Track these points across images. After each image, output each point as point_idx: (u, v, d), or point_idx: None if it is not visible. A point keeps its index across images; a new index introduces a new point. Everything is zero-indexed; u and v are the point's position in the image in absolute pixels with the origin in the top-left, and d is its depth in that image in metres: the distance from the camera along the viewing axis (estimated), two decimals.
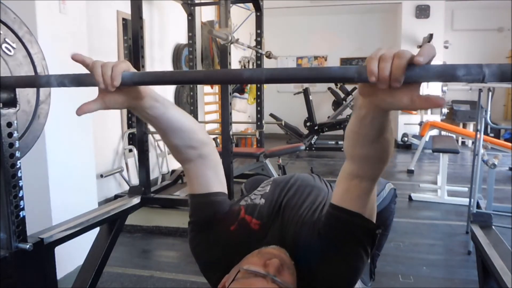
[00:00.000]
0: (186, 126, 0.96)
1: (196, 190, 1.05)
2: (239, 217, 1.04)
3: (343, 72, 0.64)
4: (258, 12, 3.59)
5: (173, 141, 0.96)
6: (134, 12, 2.13)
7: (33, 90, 1.16)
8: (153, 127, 0.94)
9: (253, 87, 5.23)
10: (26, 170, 1.09)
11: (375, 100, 0.63)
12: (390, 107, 0.63)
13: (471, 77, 0.56)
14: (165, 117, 0.90)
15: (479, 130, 2.57)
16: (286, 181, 1.20)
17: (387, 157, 0.82)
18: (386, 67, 0.55)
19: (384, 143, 0.78)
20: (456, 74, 0.57)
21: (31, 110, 1.17)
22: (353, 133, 0.80)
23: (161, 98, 0.88)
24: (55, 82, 0.82)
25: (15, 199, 1.02)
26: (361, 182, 0.87)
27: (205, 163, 1.03)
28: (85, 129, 2.35)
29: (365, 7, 7.26)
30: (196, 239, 1.05)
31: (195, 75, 0.84)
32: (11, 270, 1.03)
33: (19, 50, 1.14)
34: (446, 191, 3.62)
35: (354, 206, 0.89)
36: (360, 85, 0.64)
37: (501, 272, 1.21)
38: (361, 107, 0.71)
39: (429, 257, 2.49)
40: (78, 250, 1.86)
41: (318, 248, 0.92)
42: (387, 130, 0.75)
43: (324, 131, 6.30)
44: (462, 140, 6.75)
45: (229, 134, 2.18)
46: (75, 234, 1.41)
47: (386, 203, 1.54)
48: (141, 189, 2.08)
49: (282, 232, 1.00)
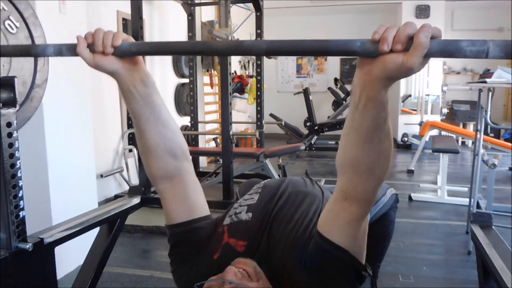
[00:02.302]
0: (171, 123, 0.91)
1: (176, 219, 0.96)
2: (222, 242, 0.95)
3: (346, 44, 0.64)
4: (258, 12, 3.60)
5: (154, 138, 0.88)
6: (134, 12, 2.13)
7: (30, 71, 1.12)
8: (135, 113, 0.87)
9: (253, 87, 5.22)
10: (26, 170, 1.09)
11: (373, 67, 0.63)
12: (385, 69, 0.62)
13: (475, 49, 0.58)
14: (151, 100, 0.86)
15: (479, 130, 2.56)
16: (277, 188, 1.12)
17: (380, 168, 0.75)
18: (391, 31, 0.60)
19: (378, 146, 0.72)
20: (460, 46, 0.59)
21: (25, 91, 1.13)
22: (346, 131, 0.75)
23: (152, 81, 0.86)
24: (52, 50, 0.81)
25: (15, 199, 1.02)
26: (351, 205, 0.79)
27: (185, 182, 0.95)
28: (85, 129, 2.35)
29: (365, 7, 7.26)
30: (178, 272, 0.97)
31: (194, 45, 0.83)
32: (11, 270, 1.03)
33: (22, 30, 1.11)
34: (446, 191, 3.62)
35: (341, 238, 0.81)
36: (360, 58, 0.66)
37: (501, 272, 1.21)
38: (356, 87, 0.68)
39: (429, 257, 2.49)
40: (78, 250, 1.86)
41: (303, 279, 0.85)
42: (383, 128, 0.70)
43: (324, 131, 6.30)
44: (462, 140, 6.75)
45: (229, 134, 2.18)
46: (75, 234, 1.41)
47: (386, 209, 1.50)
48: (141, 189, 2.08)
49: (270, 251, 0.92)
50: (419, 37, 0.57)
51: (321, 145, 6.35)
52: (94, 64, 0.78)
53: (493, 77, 2.43)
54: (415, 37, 0.58)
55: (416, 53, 0.58)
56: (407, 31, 0.58)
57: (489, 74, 5.32)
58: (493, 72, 2.95)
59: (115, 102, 3.62)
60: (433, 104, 6.74)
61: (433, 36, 0.58)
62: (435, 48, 0.59)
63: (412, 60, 0.58)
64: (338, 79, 7.20)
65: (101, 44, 0.75)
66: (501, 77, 2.37)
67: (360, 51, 0.63)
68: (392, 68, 0.61)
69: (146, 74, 0.85)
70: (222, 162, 2.28)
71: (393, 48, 0.59)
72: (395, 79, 0.64)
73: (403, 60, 0.59)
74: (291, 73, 8.52)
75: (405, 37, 0.58)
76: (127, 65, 0.81)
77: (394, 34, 0.59)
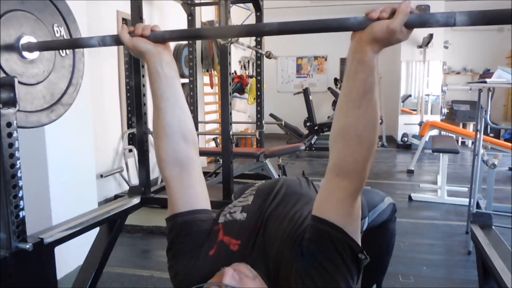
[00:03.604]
0: (186, 108, 1.01)
1: (179, 208, 0.98)
2: (218, 239, 0.97)
3: (341, 21, 0.82)
4: (258, 12, 3.59)
5: (170, 118, 0.97)
6: (134, 12, 2.12)
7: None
8: (158, 93, 0.97)
9: (253, 87, 5.22)
10: (26, 170, 1.09)
11: (362, 33, 0.77)
12: (373, 32, 0.75)
13: (445, 17, 0.74)
14: (174, 83, 0.98)
15: (479, 130, 2.56)
16: (271, 189, 1.13)
17: (368, 137, 0.80)
18: (382, 9, 0.76)
19: (366, 113, 0.79)
20: (433, 16, 0.75)
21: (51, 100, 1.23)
22: (338, 102, 0.84)
23: (176, 67, 1.01)
24: (97, 41, 1.00)
25: (15, 199, 1.02)
26: (343, 180, 0.82)
27: (192, 171, 0.99)
28: (85, 129, 2.35)
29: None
30: (175, 267, 0.97)
31: (217, 30, 0.92)
32: (11, 270, 1.03)
33: (66, 35, 1.25)
34: (446, 191, 3.62)
35: (336, 215, 0.83)
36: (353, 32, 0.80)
37: (501, 272, 1.21)
38: (348, 55, 0.80)
39: (429, 257, 2.49)
40: (78, 250, 1.86)
41: (300, 270, 0.84)
42: (371, 96, 0.78)
43: (324, 131, 6.30)
44: (462, 140, 6.75)
45: (229, 134, 2.18)
46: (75, 234, 1.41)
47: (384, 217, 1.50)
48: (141, 189, 2.08)
49: (265, 250, 0.92)
50: (401, 6, 0.73)
51: (321, 145, 6.35)
52: (132, 45, 0.94)
53: (493, 77, 2.43)
54: (397, 7, 0.73)
55: (398, 17, 0.73)
56: (392, 6, 0.75)
57: (489, 74, 5.32)
58: (493, 72, 2.95)
59: (115, 102, 3.62)
60: (433, 104, 6.74)
61: (411, 12, 0.74)
62: (413, 18, 0.74)
63: (395, 22, 0.73)
64: (338, 79, 7.20)
65: (141, 29, 0.93)
66: (501, 77, 2.37)
67: (353, 25, 0.79)
68: (378, 30, 0.75)
69: (172, 59, 0.99)
70: (222, 162, 2.28)
71: (380, 16, 0.75)
72: (381, 41, 0.76)
73: (388, 23, 0.74)
74: (291, 73, 8.52)
75: (390, 8, 0.75)
76: (158, 48, 0.96)
77: (382, 8, 0.75)
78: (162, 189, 2.68)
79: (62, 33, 1.24)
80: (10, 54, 1.05)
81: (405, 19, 0.73)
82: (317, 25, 0.85)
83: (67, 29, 1.26)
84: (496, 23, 0.75)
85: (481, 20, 0.73)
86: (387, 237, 1.59)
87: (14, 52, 1.06)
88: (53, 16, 1.21)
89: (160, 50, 0.96)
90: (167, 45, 0.98)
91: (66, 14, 1.25)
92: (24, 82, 1.09)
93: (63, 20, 1.24)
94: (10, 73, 1.04)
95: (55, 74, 1.21)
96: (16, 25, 1.06)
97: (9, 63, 1.04)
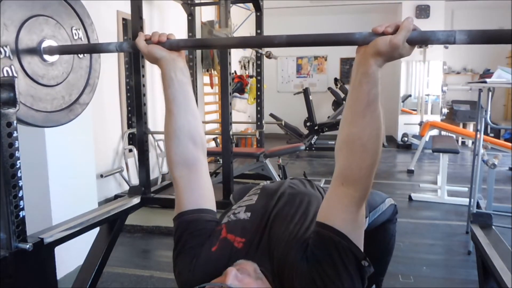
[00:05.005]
0: (197, 114, 1.05)
1: (187, 206, 1.00)
2: (221, 236, 0.98)
3: (347, 36, 0.85)
4: (258, 12, 3.59)
5: (181, 121, 1.00)
6: (134, 12, 2.12)
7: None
8: (171, 98, 1.01)
9: (253, 87, 5.22)
10: (26, 170, 1.09)
11: (367, 47, 0.80)
12: (376, 46, 0.79)
13: (445, 35, 0.78)
14: (186, 89, 1.02)
15: (479, 130, 2.56)
16: (275, 190, 1.14)
17: (372, 146, 0.82)
18: (387, 25, 0.80)
19: (370, 123, 0.81)
20: (434, 34, 0.79)
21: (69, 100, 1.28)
22: (344, 113, 0.86)
23: (189, 74, 1.05)
24: (114, 46, 1.05)
25: (15, 199, 1.02)
26: (348, 188, 0.84)
27: (200, 173, 1.03)
28: (85, 129, 2.34)
29: (365, 7, 7.26)
30: (179, 266, 0.97)
31: (231, 40, 1.02)
32: (11, 270, 1.03)
33: (83, 37, 1.31)
34: (446, 191, 3.62)
35: (340, 222, 0.84)
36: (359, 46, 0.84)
37: (501, 272, 1.21)
38: (354, 68, 0.83)
39: (429, 257, 2.49)
40: (78, 250, 1.86)
41: (304, 274, 0.84)
42: (375, 107, 0.81)
43: (324, 131, 6.30)
44: (462, 140, 6.75)
45: (229, 134, 2.18)
46: (75, 234, 1.41)
47: (385, 218, 1.50)
48: (141, 189, 2.08)
49: (271, 250, 0.93)
50: (404, 22, 0.78)
51: (321, 145, 6.35)
52: (147, 51, 0.98)
53: (493, 77, 2.43)
54: (401, 23, 0.78)
55: (400, 33, 0.77)
56: (396, 22, 0.79)
57: (489, 74, 5.31)
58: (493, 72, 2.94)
59: (115, 102, 3.61)
60: (433, 104, 6.74)
61: (414, 29, 0.78)
62: (415, 34, 0.78)
63: (397, 37, 0.77)
64: (338, 79, 7.20)
65: (157, 37, 0.98)
66: (501, 77, 2.37)
67: (359, 40, 0.82)
68: (382, 44, 0.78)
69: (185, 66, 1.03)
70: (222, 162, 2.28)
71: (384, 30, 0.79)
72: (384, 55, 0.79)
73: (391, 38, 0.77)
74: (291, 73, 8.52)
75: (395, 24, 0.78)
76: (173, 55, 1.00)
77: (387, 24, 0.79)
78: (162, 189, 2.70)
79: (80, 36, 1.28)
80: (32, 57, 1.09)
81: (407, 35, 0.77)
82: (324, 39, 0.89)
83: (85, 31, 1.31)
84: (496, 43, 0.79)
85: (481, 39, 0.77)
86: (387, 238, 1.59)
87: (36, 55, 1.10)
88: (72, 19, 1.25)
89: (174, 57, 1.00)
90: (181, 52, 1.02)
91: (83, 16, 1.30)
92: (45, 84, 1.14)
93: (81, 22, 1.29)
94: (32, 75, 1.09)
95: (73, 75, 1.26)
96: (38, 30, 1.11)
97: (31, 66, 1.09)
